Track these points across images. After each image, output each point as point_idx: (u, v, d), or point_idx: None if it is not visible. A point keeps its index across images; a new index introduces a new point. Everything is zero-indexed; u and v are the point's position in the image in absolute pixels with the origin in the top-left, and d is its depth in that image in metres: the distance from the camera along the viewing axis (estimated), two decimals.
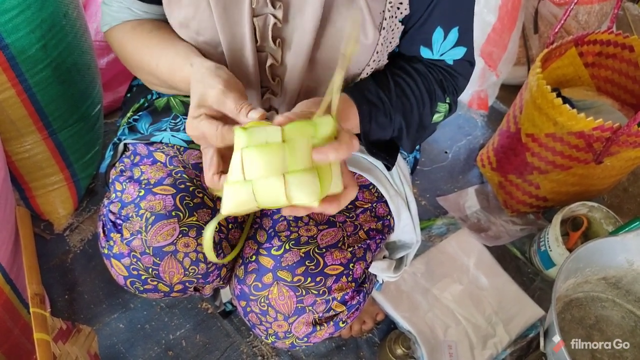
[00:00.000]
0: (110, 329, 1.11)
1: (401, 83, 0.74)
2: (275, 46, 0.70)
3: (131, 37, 0.75)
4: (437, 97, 0.77)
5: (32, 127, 1.04)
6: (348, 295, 0.74)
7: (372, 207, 0.81)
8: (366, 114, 0.70)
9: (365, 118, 0.70)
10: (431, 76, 0.77)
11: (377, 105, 0.71)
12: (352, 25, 0.54)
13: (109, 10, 0.77)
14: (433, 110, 0.78)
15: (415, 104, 0.75)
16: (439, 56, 0.77)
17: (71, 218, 1.25)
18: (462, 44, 0.76)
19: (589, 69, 1.39)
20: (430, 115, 0.78)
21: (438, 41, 0.75)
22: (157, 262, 0.70)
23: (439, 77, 0.78)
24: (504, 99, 1.66)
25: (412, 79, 0.75)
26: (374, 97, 0.71)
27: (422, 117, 0.77)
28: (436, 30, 0.73)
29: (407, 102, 0.74)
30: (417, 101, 0.75)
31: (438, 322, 1.17)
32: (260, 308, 0.73)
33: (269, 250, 0.73)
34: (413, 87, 0.75)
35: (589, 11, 1.53)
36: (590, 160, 1.18)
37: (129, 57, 0.76)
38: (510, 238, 1.35)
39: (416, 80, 0.75)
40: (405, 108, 0.74)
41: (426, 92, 0.76)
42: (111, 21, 0.77)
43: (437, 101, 0.77)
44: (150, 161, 0.75)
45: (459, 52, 0.77)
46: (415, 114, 0.75)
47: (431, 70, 0.77)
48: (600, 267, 1.13)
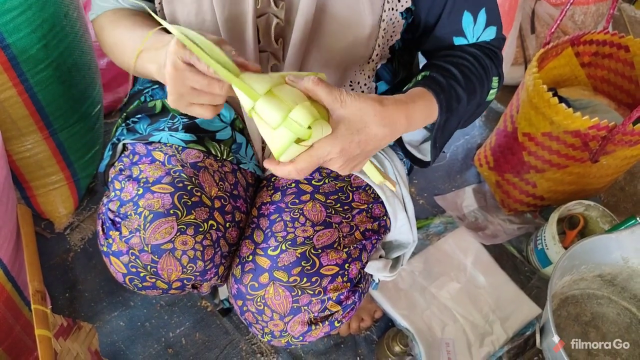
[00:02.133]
0: (111, 327, 1.12)
1: (461, 67, 0.73)
2: (277, 46, 0.71)
3: (112, 21, 0.77)
4: (491, 71, 0.77)
5: (33, 127, 1.05)
6: (343, 295, 0.75)
7: (368, 208, 0.81)
8: (443, 103, 0.69)
9: (443, 107, 0.69)
10: (479, 53, 0.76)
11: (450, 93, 0.70)
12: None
13: (98, 0, 0.79)
14: (490, 87, 0.78)
15: (478, 83, 0.74)
16: (475, 40, 0.77)
17: (72, 217, 1.26)
18: (492, 23, 0.76)
19: (585, 68, 1.40)
20: (488, 92, 0.78)
21: (469, 26, 0.75)
22: (156, 260, 0.70)
23: (486, 51, 0.78)
24: (501, 98, 1.67)
25: (466, 60, 0.74)
26: (446, 86, 0.70)
27: (482, 96, 0.77)
28: (464, 16, 0.74)
29: (471, 83, 0.73)
30: (479, 80, 0.74)
31: (436, 319, 1.18)
32: (257, 307, 0.74)
33: (266, 250, 0.74)
34: (470, 67, 0.74)
35: (585, 11, 1.54)
36: (587, 159, 1.19)
37: (106, 39, 0.78)
38: (508, 237, 1.36)
39: (470, 60, 0.74)
40: (470, 90, 0.73)
41: (482, 69, 0.75)
42: (97, 10, 0.80)
43: (492, 75, 0.77)
44: (148, 160, 0.76)
45: (491, 32, 0.77)
46: (478, 95, 0.75)
47: (476, 49, 0.77)
48: (595, 265, 1.14)
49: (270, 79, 0.58)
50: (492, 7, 0.76)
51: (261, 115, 0.57)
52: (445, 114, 0.70)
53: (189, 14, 0.71)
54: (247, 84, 0.57)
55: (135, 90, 0.92)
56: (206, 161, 0.78)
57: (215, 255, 0.75)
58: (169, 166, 0.75)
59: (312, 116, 0.56)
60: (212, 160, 0.79)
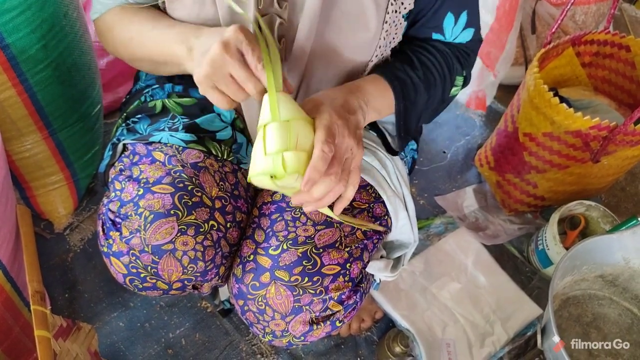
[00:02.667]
0: (110, 328, 1.12)
1: (424, 59, 0.76)
2: (280, 46, 0.71)
3: (120, 18, 0.76)
4: (455, 70, 0.80)
5: (32, 127, 1.05)
6: (345, 294, 0.74)
7: (369, 208, 0.81)
8: (399, 91, 0.73)
9: (399, 96, 0.73)
10: (449, 51, 0.80)
11: (406, 82, 0.73)
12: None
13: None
14: (453, 84, 0.81)
15: (439, 77, 0.77)
16: (452, 40, 0.80)
17: (71, 217, 1.26)
18: (471, 25, 0.79)
19: (586, 68, 1.40)
20: (450, 89, 0.81)
21: (449, 26, 0.77)
22: (156, 260, 0.70)
23: (456, 53, 0.81)
24: (501, 98, 1.67)
25: (432, 55, 0.77)
26: (403, 74, 0.74)
27: (444, 91, 0.80)
28: (447, 16, 0.76)
29: (432, 76, 0.77)
30: (440, 74, 0.78)
31: (436, 320, 1.17)
32: (258, 307, 0.73)
33: (267, 249, 0.74)
34: (434, 61, 0.77)
35: (586, 11, 1.54)
36: (588, 159, 1.19)
37: (116, 37, 0.77)
38: (508, 237, 1.36)
39: (435, 55, 0.78)
40: (430, 83, 0.76)
41: (446, 66, 0.78)
42: (101, 8, 0.79)
43: (455, 74, 0.81)
44: (149, 160, 0.76)
45: (469, 34, 0.80)
46: (438, 88, 0.78)
47: (449, 47, 0.80)
48: (597, 265, 1.14)
49: (298, 110, 0.60)
50: (474, 10, 0.79)
51: (266, 135, 0.59)
52: (402, 101, 0.73)
53: (190, 15, 0.71)
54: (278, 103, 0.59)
55: (135, 90, 0.92)
56: (207, 161, 0.78)
57: (216, 256, 0.74)
58: (170, 166, 0.75)
59: (297, 168, 0.58)
60: (212, 161, 0.79)
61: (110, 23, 0.78)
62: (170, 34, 0.70)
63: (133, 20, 0.75)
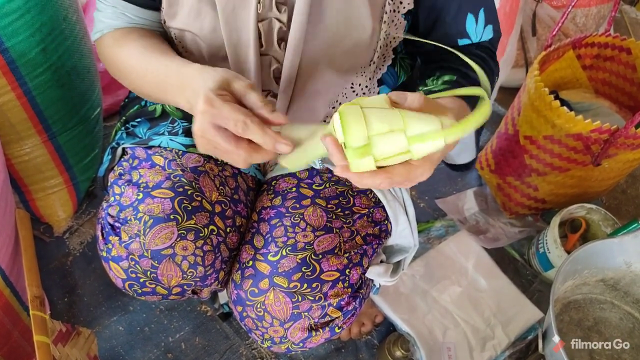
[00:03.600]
0: (110, 332, 1.11)
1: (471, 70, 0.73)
2: (280, 50, 0.70)
3: (123, 44, 0.73)
4: (495, 72, 0.79)
5: (31, 131, 1.05)
6: (344, 301, 0.74)
7: (369, 213, 0.81)
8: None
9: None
10: (485, 55, 0.78)
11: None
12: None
13: (102, 16, 0.76)
14: (493, 86, 0.80)
15: (489, 85, 0.75)
16: (478, 41, 0.78)
17: (71, 221, 1.25)
18: (490, 22, 0.77)
19: (587, 71, 1.39)
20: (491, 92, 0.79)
21: (472, 27, 0.76)
22: (156, 265, 0.70)
23: (489, 52, 0.79)
24: (502, 101, 1.67)
25: (477, 64, 0.75)
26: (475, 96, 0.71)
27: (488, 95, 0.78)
28: (467, 18, 0.74)
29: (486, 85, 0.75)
30: (492, 82, 0.76)
31: (437, 324, 1.17)
32: (257, 313, 0.73)
33: (266, 255, 0.73)
34: (486, 70, 0.75)
35: (586, 14, 1.53)
36: (589, 162, 1.18)
37: (118, 63, 0.74)
38: (509, 240, 1.36)
39: (478, 62, 0.73)
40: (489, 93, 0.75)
41: (489, 71, 0.77)
42: (103, 28, 0.76)
43: (495, 76, 0.80)
44: (148, 164, 0.76)
45: (489, 31, 0.78)
46: (489, 94, 0.77)
47: (479, 48, 0.78)
48: (598, 269, 1.14)
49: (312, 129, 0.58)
50: (490, 7, 0.77)
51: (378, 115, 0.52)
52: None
53: (188, 18, 0.71)
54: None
55: (134, 94, 0.92)
56: (206, 165, 0.78)
57: (215, 261, 0.74)
58: (169, 171, 0.74)
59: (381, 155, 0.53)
60: (212, 165, 0.79)
61: (112, 49, 0.75)
62: (169, 78, 0.66)
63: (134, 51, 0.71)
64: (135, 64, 0.71)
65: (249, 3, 0.67)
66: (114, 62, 0.75)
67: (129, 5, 0.74)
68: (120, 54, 0.74)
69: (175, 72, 0.66)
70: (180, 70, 0.65)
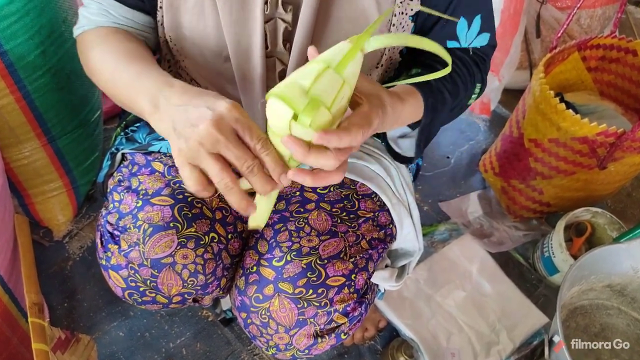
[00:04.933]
0: (110, 338, 1.10)
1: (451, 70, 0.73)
2: (285, 51, 0.69)
3: (101, 42, 0.69)
4: (475, 78, 0.78)
5: (31, 134, 1.03)
6: (350, 306, 0.73)
7: (374, 217, 0.80)
8: (430, 105, 0.69)
9: (429, 110, 0.69)
10: (467, 58, 0.77)
11: (437, 97, 0.71)
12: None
13: (87, 12, 0.73)
14: (473, 92, 0.79)
15: (463, 87, 0.75)
16: (467, 45, 0.77)
17: (70, 225, 1.24)
18: (486, 30, 0.76)
19: (592, 73, 1.38)
20: (470, 97, 0.79)
21: (463, 31, 0.75)
22: (155, 274, 0.69)
23: (475, 58, 0.78)
24: (506, 103, 1.66)
25: (456, 65, 0.74)
26: (435, 89, 0.70)
27: (465, 100, 0.78)
28: (459, 21, 0.73)
29: (457, 87, 0.74)
30: (464, 84, 0.75)
31: (441, 329, 1.16)
32: (261, 320, 0.72)
33: (270, 261, 0.72)
34: (458, 71, 0.74)
35: (591, 15, 1.52)
36: (594, 165, 1.17)
37: (91, 60, 0.70)
38: (514, 244, 1.34)
39: (458, 64, 0.75)
40: (457, 94, 0.74)
41: (468, 75, 0.76)
42: (85, 24, 0.73)
43: (476, 82, 0.78)
44: (148, 171, 0.74)
45: (484, 39, 0.77)
46: (461, 98, 0.76)
47: (466, 52, 0.78)
48: (605, 275, 1.12)
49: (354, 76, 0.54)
50: (488, 15, 0.76)
51: (319, 77, 0.50)
52: (430, 115, 0.70)
53: (191, 20, 0.69)
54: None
55: None
56: None
57: (217, 268, 0.73)
58: (169, 177, 0.73)
59: (322, 126, 0.51)
60: None
61: (90, 44, 0.71)
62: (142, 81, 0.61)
63: (112, 51, 0.68)
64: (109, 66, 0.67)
65: (256, 3, 0.66)
66: (88, 59, 0.71)
67: (115, 3, 0.71)
68: (95, 51, 0.69)
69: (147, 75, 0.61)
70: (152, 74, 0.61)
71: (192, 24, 0.69)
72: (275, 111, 0.50)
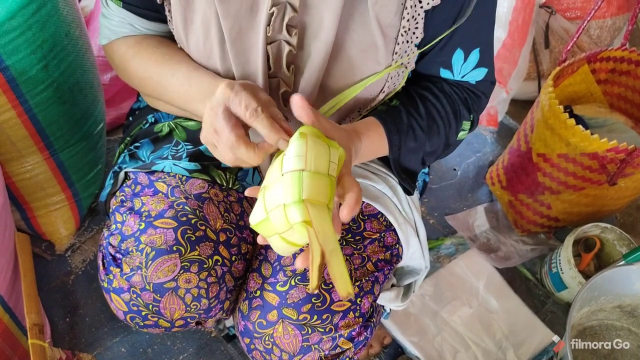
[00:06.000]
0: (112, 353, 1.09)
1: (429, 106, 0.74)
2: (288, 73, 0.68)
3: (137, 51, 0.73)
4: (462, 116, 0.77)
5: (33, 148, 1.02)
6: (355, 331, 0.71)
7: (380, 237, 0.78)
8: (396, 143, 0.71)
9: (395, 147, 0.71)
10: (456, 96, 0.76)
11: (407, 133, 0.71)
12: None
13: (109, 24, 0.74)
14: (459, 130, 0.78)
15: (442, 125, 0.75)
16: (460, 78, 0.76)
17: (73, 238, 1.23)
18: (483, 64, 0.75)
19: (602, 85, 1.36)
20: (455, 135, 0.78)
21: (458, 63, 0.73)
22: (158, 299, 0.67)
23: (464, 96, 0.77)
24: (513, 114, 1.64)
25: (438, 101, 0.74)
26: (405, 125, 0.71)
27: (448, 138, 0.77)
28: (456, 52, 0.72)
29: (435, 125, 0.74)
30: (444, 123, 0.75)
31: (447, 346, 1.14)
32: (265, 346, 0.70)
33: (274, 285, 0.71)
34: (440, 109, 0.74)
35: (601, 26, 1.50)
36: (604, 181, 1.15)
37: (133, 71, 0.74)
38: (521, 259, 1.32)
39: (442, 101, 0.74)
40: (433, 132, 0.74)
41: (452, 113, 0.75)
42: (111, 35, 0.75)
43: (462, 120, 0.77)
44: (151, 191, 0.73)
45: (480, 73, 0.76)
46: (442, 136, 0.76)
47: (455, 90, 0.77)
48: (615, 295, 1.10)
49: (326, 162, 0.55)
50: (487, 49, 0.74)
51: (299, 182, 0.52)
52: (397, 151, 0.72)
53: (198, 42, 0.68)
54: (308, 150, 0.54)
55: (139, 107, 0.89)
56: (211, 191, 0.75)
57: (220, 292, 0.71)
58: (172, 198, 0.72)
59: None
60: (217, 190, 0.76)
61: (125, 55, 0.74)
62: (192, 87, 0.69)
63: (151, 59, 0.72)
64: (153, 72, 0.72)
65: (258, 25, 0.65)
66: (128, 69, 0.75)
67: (135, 16, 0.72)
68: (133, 61, 0.73)
69: (197, 81, 0.68)
70: (202, 79, 0.68)
71: (199, 46, 0.68)
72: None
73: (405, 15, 0.66)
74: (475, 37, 0.72)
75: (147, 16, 0.72)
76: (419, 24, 0.67)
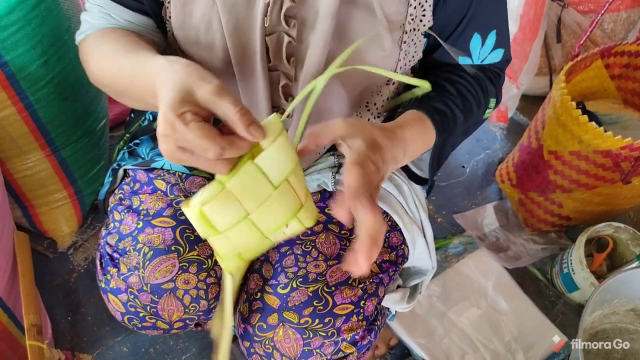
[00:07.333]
0: (114, 353, 1.08)
1: (460, 87, 0.71)
2: (289, 65, 0.66)
3: (99, 43, 0.66)
4: (490, 93, 0.75)
5: (34, 145, 1.01)
6: (358, 335, 0.69)
7: (385, 237, 0.76)
8: (440, 126, 0.65)
9: (440, 130, 0.65)
10: (481, 74, 0.74)
11: (447, 115, 0.67)
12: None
13: (89, 17, 0.69)
14: (487, 106, 0.76)
15: (475, 104, 0.72)
16: (479, 62, 0.74)
17: (75, 236, 1.22)
18: (500, 45, 0.73)
19: (615, 81, 1.33)
20: (484, 112, 0.76)
21: (476, 48, 0.72)
22: (156, 300, 0.66)
23: (488, 73, 0.75)
24: (524, 109, 1.60)
25: (467, 81, 0.72)
26: (443, 106, 0.67)
27: (479, 116, 0.75)
28: (473, 37, 0.70)
29: (469, 104, 0.71)
30: (476, 101, 0.72)
31: (455, 348, 1.11)
32: (265, 350, 0.69)
33: (275, 287, 0.69)
34: (470, 88, 0.71)
35: (615, 19, 1.46)
36: (617, 179, 1.12)
37: (93, 65, 0.67)
38: (531, 259, 1.29)
39: (470, 81, 0.72)
40: (468, 110, 0.71)
41: (481, 91, 0.73)
42: (87, 29, 0.69)
43: (489, 97, 0.75)
44: (150, 189, 0.71)
45: (497, 55, 0.74)
46: (475, 114, 0.73)
47: (479, 69, 0.74)
48: (629, 298, 1.07)
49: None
50: (502, 30, 0.72)
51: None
52: (443, 135, 0.67)
53: (198, 35, 0.66)
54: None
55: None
56: None
57: (219, 293, 0.69)
58: (171, 197, 0.70)
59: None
60: None
61: (88, 48, 0.68)
62: (139, 84, 0.58)
63: (112, 49, 0.64)
64: (106, 67, 0.64)
65: (254, 16, 0.62)
66: (89, 63, 0.68)
67: (115, 5, 0.67)
68: (94, 56, 0.66)
69: (141, 71, 0.57)
70: (144, 70, 0.56)
71: (200, 39, 0.66)
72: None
73: (412, 2, 0.63)
74: (491, 20, 0.70)
75: (129, 6, 0.67)
76: (427, 12, 0.65)
